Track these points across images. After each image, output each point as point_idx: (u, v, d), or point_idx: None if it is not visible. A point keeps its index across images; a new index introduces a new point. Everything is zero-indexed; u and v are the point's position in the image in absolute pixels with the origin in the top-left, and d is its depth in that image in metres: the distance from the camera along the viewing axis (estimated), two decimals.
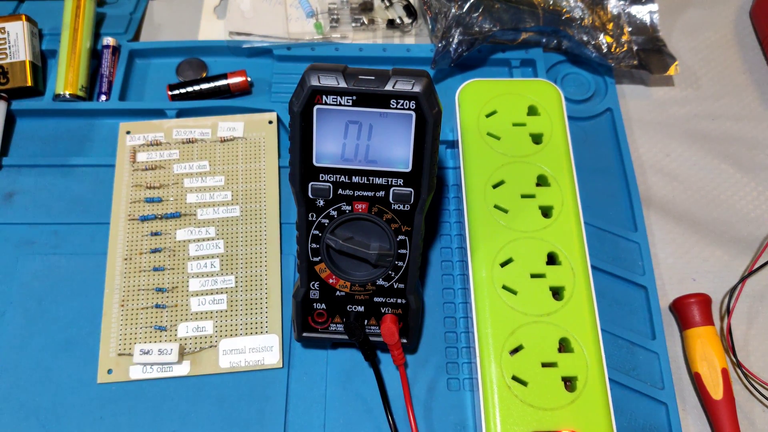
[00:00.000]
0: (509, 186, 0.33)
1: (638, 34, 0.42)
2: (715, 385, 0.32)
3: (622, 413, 0.32)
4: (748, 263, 0.37)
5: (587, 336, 0.30)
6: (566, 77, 0.42)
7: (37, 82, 0.41)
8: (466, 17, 0.40)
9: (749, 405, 0.33)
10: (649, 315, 0.35)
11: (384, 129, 0.28)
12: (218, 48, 0.43)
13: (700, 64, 0.44)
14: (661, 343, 0.34)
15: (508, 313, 0.30)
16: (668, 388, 0.32)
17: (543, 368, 0.29)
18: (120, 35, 0.44)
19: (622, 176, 0.39)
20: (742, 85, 0.43)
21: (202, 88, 0.41)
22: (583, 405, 0.28)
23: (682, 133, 0.41)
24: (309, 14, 0.44)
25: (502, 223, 0.32)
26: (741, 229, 0.38)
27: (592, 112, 0.41)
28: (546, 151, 0.34)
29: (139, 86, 0.42)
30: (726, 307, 0.35)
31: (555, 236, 0.32)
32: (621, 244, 0.36)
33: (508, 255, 0.32)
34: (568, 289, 0.31)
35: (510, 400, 0.29)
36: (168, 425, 0.32)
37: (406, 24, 0.44)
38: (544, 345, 0.30)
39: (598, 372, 0.29)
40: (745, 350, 0.34)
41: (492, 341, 0.30)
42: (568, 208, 0.33)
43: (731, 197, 0.39)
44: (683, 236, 0.38)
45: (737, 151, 0.41)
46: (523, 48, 0.42)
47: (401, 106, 0.28)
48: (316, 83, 0.28)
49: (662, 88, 0.43)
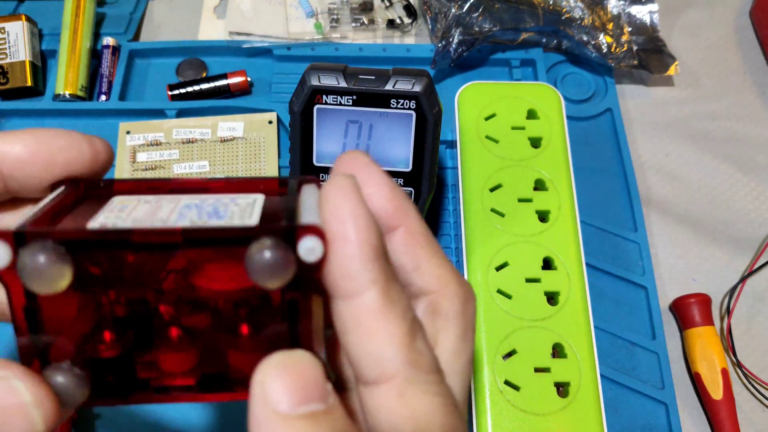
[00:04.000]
0: (506, 190, 0.33)
1: (638, 34, 0.42)
2: (715, 385, 0.32)
3: (621, 413, 0.32)
4: (748, 263, 0.37)
5: (581, 342, 0.30)
6: (566, 77, 0.42)
7: (36, 82, 0.41)
8: (466, 17, 0.40)
9: (749, 405, 0.33)
10: (649, 315, 0.35)
11: (384, 129, 0.28)
12: (218, 48, 0.43)
13: (700, 65, 0.44)
14: (661, 343, 0.34)
15: (502, 318, 0.30)
16: (668, 388, 0.32)
17: (536, 373, 0.29)
18: (120, 35, 0.43)
19: (622, 176, 0.39)
20: (742, 86, 0.43)
21: (201, 88, 0.41)
22: (575, 411, 0.28)
23: (682, 133, 0.41)
24: (309, 14, 0.44)
25: (498, 226, 0.32)
26: (741, 228, 0.38)
27: (592, 112, 0.41)
28: (545, 155, 0.34)
29: (139, 86, 0.42)
30: (726, 307, 0.35)
31: (551, 241, 0.32)
32: (621, 244, 0.36)
33: (504, 259, 0.32)
34: (563, 294, 0.31)
35: (502, 405, 0.29)
36: (169, 424, 0.32)
37: (406, 24, 0.44)
38: (538, 350, 0.30)
39: (591, 378, 0.29)
40: (745, 350, 0.34)
41: (485, 345, 0.30)
42: (565, 212, 0.33)
43: (731, 197, 0.39)
44: (683, 236, 0.38)
45: (737, 151, 0.41)
46: (523, 48, 0.42)
47: (401, 105, 0.28)
48: (316, 83, 0.28)
49: (662, 88, 0.43)
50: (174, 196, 0.15)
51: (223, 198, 0.15)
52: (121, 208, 0.15)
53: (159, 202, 0.15)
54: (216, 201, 0.15)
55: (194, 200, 0.15)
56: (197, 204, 0.15)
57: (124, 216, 0.14)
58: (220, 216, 0.14)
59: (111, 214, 0.14)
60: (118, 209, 0.15)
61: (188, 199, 0.15)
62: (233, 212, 0.14)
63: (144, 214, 0.14)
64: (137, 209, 0.15)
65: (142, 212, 0.14)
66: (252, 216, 0.14)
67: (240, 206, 0.15)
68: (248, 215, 0.14)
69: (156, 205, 0.15)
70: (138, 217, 0.14)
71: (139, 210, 0.14)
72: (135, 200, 0.15)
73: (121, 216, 0.14)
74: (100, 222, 0.14)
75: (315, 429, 0.12)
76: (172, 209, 0.14)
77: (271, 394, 0.12)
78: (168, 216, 0.14)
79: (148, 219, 0.14)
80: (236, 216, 0.14)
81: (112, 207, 0.15)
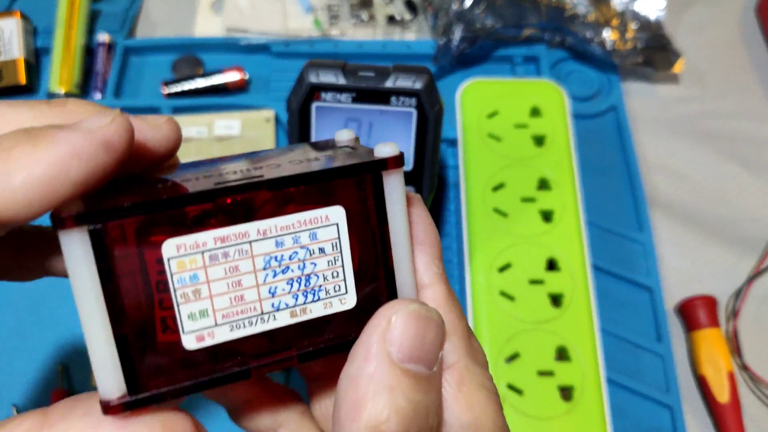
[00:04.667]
0: (509, 189, 0.33)
1: (643, 31, 0.41)
2: (721, 388, 0.31)
3: (626, 416, 0.32)
4: (754, 264, 0.36)
5: (585, 344, 0.29)
6: (570, 74, 0.41)
7: (31, 81, 0.40)
8: (468, 13, 0.40)
9: (755, 408, 0.33)
10: (654, 317, 0.34)
11: (384, 127, 0.28)
12: (215, 44, 0.42)
13: (706, 62, 0.43)
14: (667, 345, 0.33)
15: (505, 320, 0.30)
16: (673, 391, 0.32)
17: (539, 377, 0.29)
18: (115, 32, 0.43)
19: (627, 175, 0.38)
20: (748, 83, 0.42)
21: (197, 86, 0.40)
22: (580, 415, 0.28)
23: (687, 131, 0.41)
24: (307, 10, 0.43)
25: (501, 227, 0.32)
26: (747, 229, 0.37)
27: (597, 109, 0.40)
28: (548, 153, 0.33)
29: (134, 83, 0.42)
30: (732, 309, 0.35)
31: (555, 241, 0.31)
32: (626, 245, 0.36)
33: (507, 260, 0.31)
34: (567, 296, 0.30)
35: (505, 410, 0.28)
36: None
37: (406, 20, 0.43)
38: (541, 353, 0.29)
39: (596, 381, 0.29)
40: (752, 353, 0.34)
41: (488, 348, 0.29)
42: (569, 212, 0.32)
43: (737, 197, 0.38)
44: (689, 236, 0.37)
45: (743, 149, 0.40)
46: (526, 45, 0.41)
47: (402, 103, 0.27)
48: (314, 80, 0.27)
49: (667, 85, 0.42)
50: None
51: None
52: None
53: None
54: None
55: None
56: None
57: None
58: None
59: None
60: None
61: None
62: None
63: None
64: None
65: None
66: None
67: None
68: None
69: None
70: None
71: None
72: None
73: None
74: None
75: (415, 391, 0.12)
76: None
77: (394, 333, 0.12)
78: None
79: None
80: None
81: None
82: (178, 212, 0.12)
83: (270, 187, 0.13)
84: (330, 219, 0.14)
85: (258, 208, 0.13)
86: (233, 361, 0.13)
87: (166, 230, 0.12)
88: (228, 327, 0.13)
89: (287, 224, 0.13)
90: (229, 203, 0.13)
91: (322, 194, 0.14)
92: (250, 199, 0.13)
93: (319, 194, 0.13)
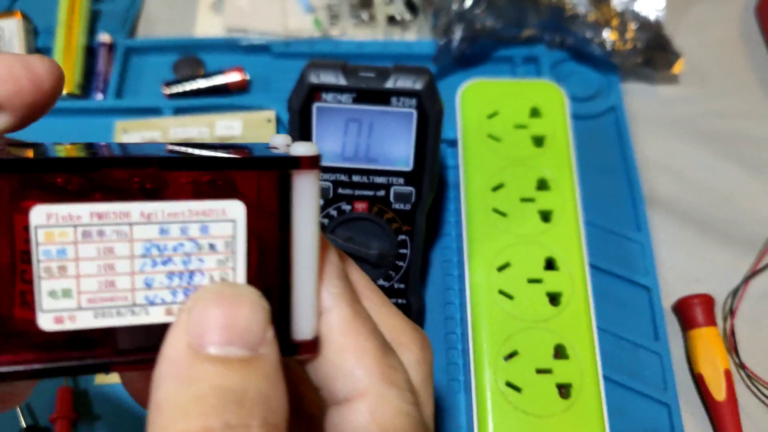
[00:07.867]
0: (509, 189, 0.33)
1: (643, 31, 0.41)
2: (718, 386, 0.32)
3: (623, 414, 0.32)
4: (751, 263, 0.36)
5: (583, 343, 0.29)
6: (570, 75, 0.42)
7: None
8: (469, 13, 0.40)
9: (752, 406, 0.33)
10: (651, 316, 0.34)
11: (385, 127, 0.28)
12: (215, 44, 0.42)
13: (706, 62, 0.43)
14: (664, 343, 0.33)
15: (504, 319, 0.30)
16: (671, 390, 0.32)
17: (537, 374, 0.29)
18: (115, 32, 0.43)
19: (626, 175, 0.38)
20: (748, 83, 0.42)
21: (199, 86, 0.40)
22: (577, 412, 0.28)
23: (686, 131, 0.41)
24: (308, 10, 0.43)
25: (500, 227, 0.32)
26: (746, 229, 0.38)
27: (596, 110, 0.40)
28: (548, 154, 0.34)
29: (136, 84, 0.42)
30: (729, 308, 0.35)
31: (554, 241, 0.32)
32: (624, 244, 0.36)
33: (506, 259, 0.31)
34: (565, 295, 0.30)
35: (503, 407, 0.28)
36: None
37: (407, 20, 0.43)
38: (540, 351, 0.29)
39: (593, 379, 0.29)
40: (749, 351, 0.34)
41: (487, 346, 0.29)
42: (568, 212, 0.32)
43: (737, 197, 0.39)
44: (687, 236, 0.37)
45: (742, 149, 0.40)
46: (526, 45, 0.41)
47: (402, 103, 0.27)
48: (315, 80, 0.27)
49: (667, 86, 0.42)
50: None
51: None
52: None
53: None
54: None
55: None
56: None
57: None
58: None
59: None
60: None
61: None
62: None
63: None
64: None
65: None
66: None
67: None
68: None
69: None
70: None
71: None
72: None
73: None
74: None
75: (224, 377, 0.11)
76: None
77: (194, 320, 0.11)
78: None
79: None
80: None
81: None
82: (56, 178, 0.11)
83: (162, 166, 0.11)
84: (227, 214, 0.12)
85: (147, 190, 0.12)
86: (94, 352, 0.12)
87: (41, 195, 0.11)
88: (92, 313, 0.12)
89: (176, 211, 0.12)
90: (114, 177, 0.11)
91: (225, 187, 0.12)
92: (139, 178, 0.12)
93: (221, 186, 0.12)
